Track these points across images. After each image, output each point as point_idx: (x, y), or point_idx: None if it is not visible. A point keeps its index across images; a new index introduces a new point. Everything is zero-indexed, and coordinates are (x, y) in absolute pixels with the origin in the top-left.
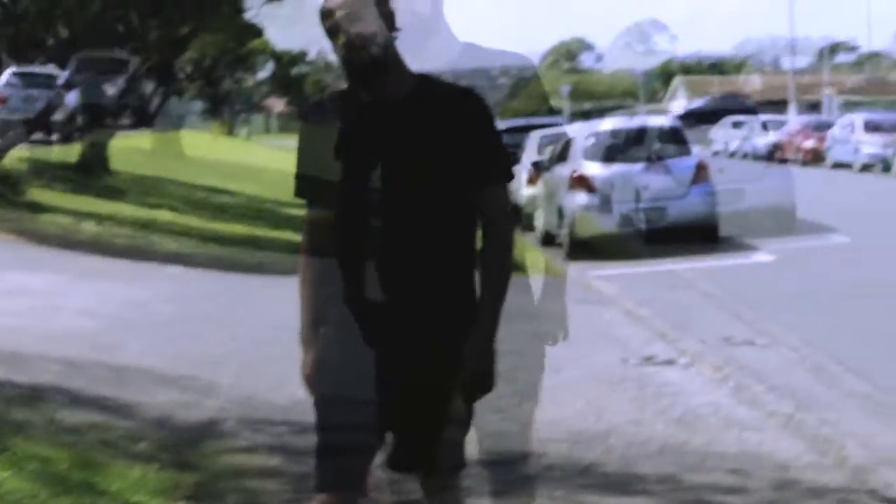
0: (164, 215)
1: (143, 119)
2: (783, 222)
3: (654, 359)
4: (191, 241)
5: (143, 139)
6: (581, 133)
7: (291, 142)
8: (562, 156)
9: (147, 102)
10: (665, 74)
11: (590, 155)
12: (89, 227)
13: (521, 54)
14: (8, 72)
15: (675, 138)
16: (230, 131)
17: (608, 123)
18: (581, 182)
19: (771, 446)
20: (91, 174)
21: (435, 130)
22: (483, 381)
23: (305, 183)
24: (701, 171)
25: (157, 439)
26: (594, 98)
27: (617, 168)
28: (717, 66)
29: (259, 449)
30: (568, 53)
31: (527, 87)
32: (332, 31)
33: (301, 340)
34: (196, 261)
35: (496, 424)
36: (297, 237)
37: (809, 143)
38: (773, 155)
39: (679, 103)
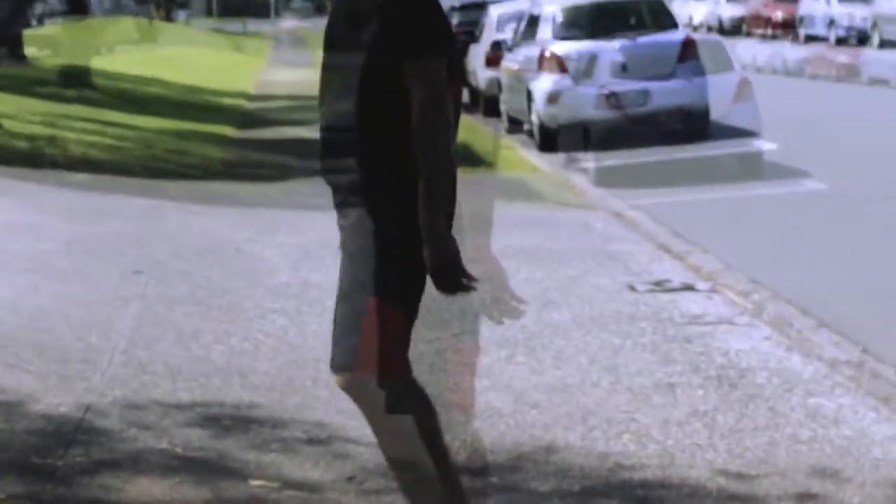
0: (78, 111)
1: (78, 6)
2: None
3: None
4: (106, 142)
5: (69, 27)
6: (549, 7)
7: (233, 25)
8: (528, 34)
9: None
10: None
11: (561, 32)
12: None
13: None
14: None
15: (657, 11)
16: (168, 16)
17: None
18: (552, 62)
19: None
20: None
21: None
22: (446, 277)
23: None
24: (687, 49)
25: None
26: None
27: (593, 46)
28: None
29: (152, 454)
30: None
31: None
32: None
33: None
34: (107, 167)
35: None
36: (230, 131)
37: (779, 15)
38: (741, 29)
39: None
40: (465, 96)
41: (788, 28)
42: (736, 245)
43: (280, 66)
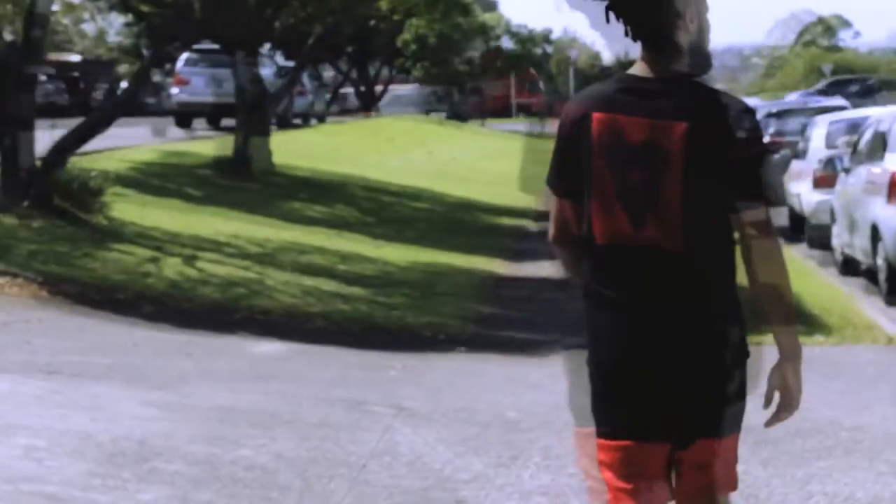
0: (312, 237)
1: (369, 102)
2: None
3: None
4: (327, 287)
5: (334, 129)
6: None
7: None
8: (873, 151)
9: (372, 86)
10: None
11: None
12: (171, 267)
13: None
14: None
15: None
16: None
17: None
18: None
19: None
20: (241, 174)
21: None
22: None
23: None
24: None
25: None
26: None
27: None
28: None
29: None
30: (826, 30)
31: None
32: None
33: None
34: (316, 327)
35: None
36: (500, 266)
37: None
38: None
39: None
40: (785, 221)
41: None
42: None
43: None
